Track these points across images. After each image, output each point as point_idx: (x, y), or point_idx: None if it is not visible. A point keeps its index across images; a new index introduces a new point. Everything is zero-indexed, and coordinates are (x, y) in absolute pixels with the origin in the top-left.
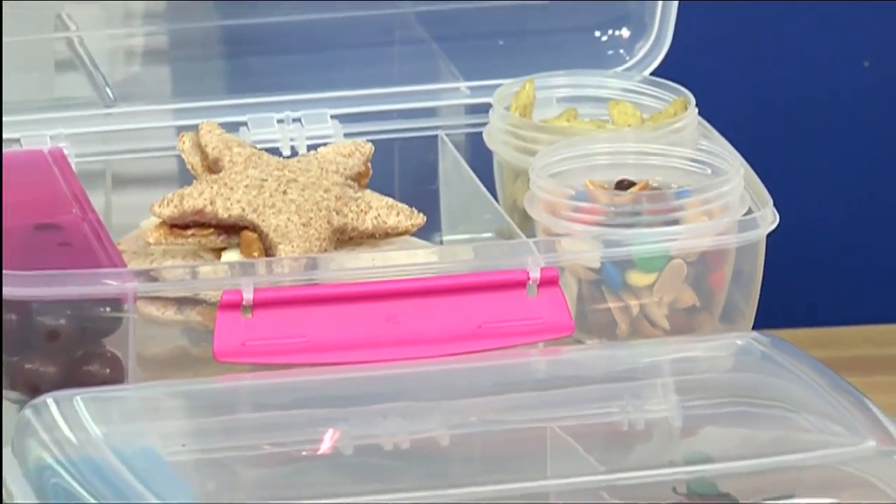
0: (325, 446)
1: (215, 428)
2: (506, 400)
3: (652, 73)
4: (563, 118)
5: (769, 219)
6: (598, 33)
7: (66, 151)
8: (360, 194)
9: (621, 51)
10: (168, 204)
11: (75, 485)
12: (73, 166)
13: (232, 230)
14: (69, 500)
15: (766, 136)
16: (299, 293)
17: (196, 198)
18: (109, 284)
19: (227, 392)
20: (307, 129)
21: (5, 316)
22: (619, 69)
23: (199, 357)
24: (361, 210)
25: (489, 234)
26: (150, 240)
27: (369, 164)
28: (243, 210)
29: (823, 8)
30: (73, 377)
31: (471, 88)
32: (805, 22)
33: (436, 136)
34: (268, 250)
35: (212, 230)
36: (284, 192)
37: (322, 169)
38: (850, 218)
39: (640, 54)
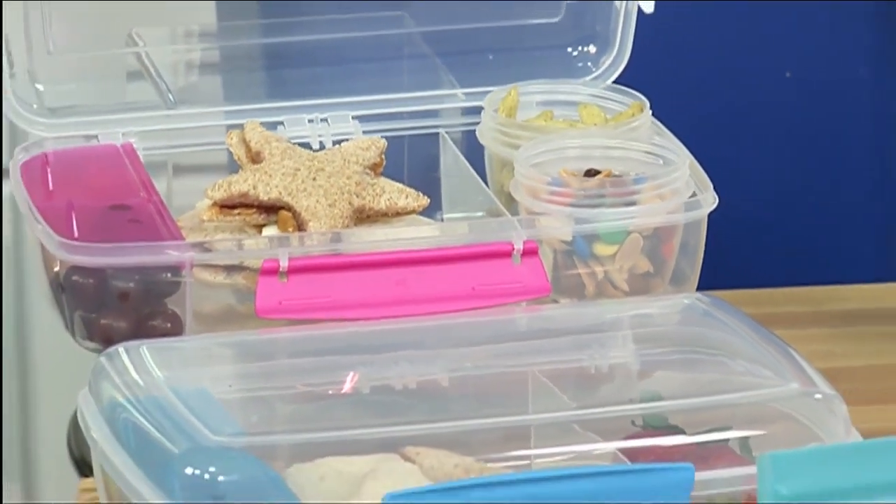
0: (346, 386)
1: (257, 372)
2: (494, 349)
3: (614, 82)
4: (541, 119)
5: (710, 200)
6: (570, 49)
7: (135, 146)
8: (375, 181)
9: (589, 64)
10: (219, 188)
11: (141, 419)
12: (141, 158)
13: (271, 210)
14: (136, 432)
15: (707, 133)
16: (326, 261)
17: (242, 183)
18: (170, 254)
19: (267, 343)
20: (332, 128)
21: (85, 280)
22: (587, 79)
23: (244, 314)
24: (377, 193)
25: (481, 213)
26: (204, 218)
27: (383, 156)
28: (280, 193)
29: (753, 29)
30: (141, 330)
31: (466, 94)
32: (737, 41)
33: (437, 134)
34: (300, 226)
35: (254, 210)
36: (314, 179)
37: (344, 160)
38: (775, 200)
39: (604, 67)
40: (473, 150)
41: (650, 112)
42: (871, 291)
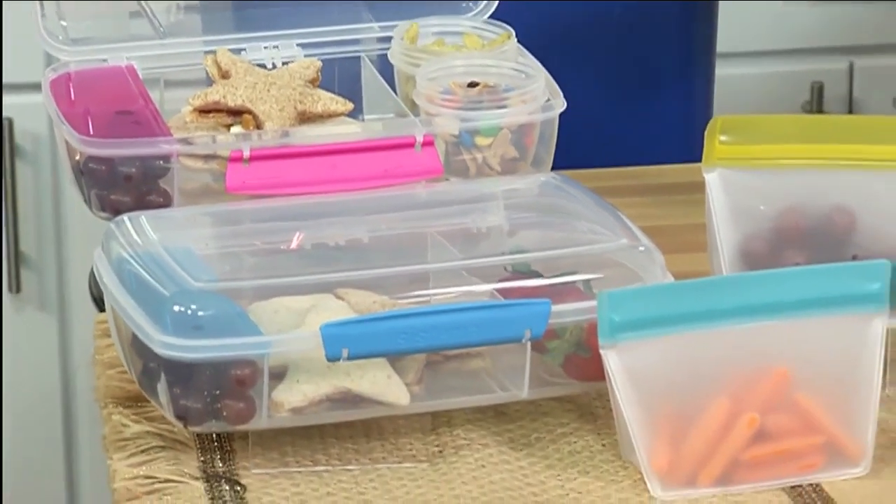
0: (293, 244)
1: (227, 233)
2: (403, 215)
3: (490, 17)
4: (435, 45)
5: (560, 104)
6: None
7: (136, 67)
8: (314, 91)
9: (470, 4)
10: (198, 98)
11: (140, 270)
12: (140, 76)
13: (237, 114)
14: (137, 280)
15: (558, 54)
16: (277, 151)
17: (215, 94)
18: (162, 147)
19: (235, 212)
20: (282, 52)
21: (98, 166)
22: (469, 15)
23: (218, 190)
24: (315, 101)
25: (392, 115)
26: (187, 120)
27: (319, 73)
28: (243, 101)
29: None
30: (140, 204)
31: (381, 27)
32: None
33: (359, 57)
34: (259, 126)
35: (224, 114)
36: (268, 90)
37: (291, 76)
38: (609, 102)
39: (481, 7)
40: (386, 69)
41: (515, 40)
42: (678, 170)
